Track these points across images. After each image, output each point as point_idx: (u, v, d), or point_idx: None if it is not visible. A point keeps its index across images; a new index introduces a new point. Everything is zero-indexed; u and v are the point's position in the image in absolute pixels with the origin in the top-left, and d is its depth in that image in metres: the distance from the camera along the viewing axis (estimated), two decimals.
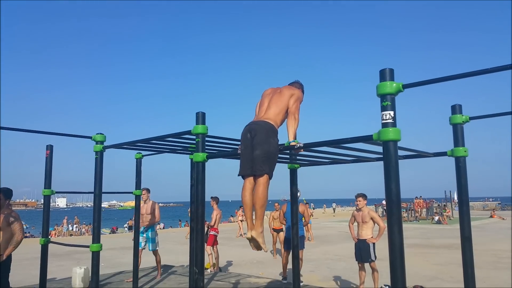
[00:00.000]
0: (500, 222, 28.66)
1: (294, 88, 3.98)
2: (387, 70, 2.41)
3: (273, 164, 3.52)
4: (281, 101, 3.83)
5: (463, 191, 3.55)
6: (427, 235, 19.08)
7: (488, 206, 54.25)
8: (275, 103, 3.80)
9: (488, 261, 11.16)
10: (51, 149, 5.68)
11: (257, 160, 3.43)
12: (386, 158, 2.31)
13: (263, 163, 3.41)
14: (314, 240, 17.28)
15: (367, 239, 7.24)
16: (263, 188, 3.40)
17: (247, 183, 3.52)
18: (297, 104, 3.84)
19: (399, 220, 2.22)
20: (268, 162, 3.44)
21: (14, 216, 5.71)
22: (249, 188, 3.49)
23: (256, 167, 3.43)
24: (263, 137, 3.49)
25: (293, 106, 3.80)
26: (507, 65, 2.18)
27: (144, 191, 8.06)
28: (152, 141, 4.49)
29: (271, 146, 3.48)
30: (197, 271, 3.47)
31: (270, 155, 3.47)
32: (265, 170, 3.42)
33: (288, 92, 3.90)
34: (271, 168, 3.48)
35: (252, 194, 3.46)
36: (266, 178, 3.43)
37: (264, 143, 3.46)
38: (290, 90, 3.92)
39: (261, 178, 3.42)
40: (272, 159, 3.49)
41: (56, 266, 11.09)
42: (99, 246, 4.66)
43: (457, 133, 3.60)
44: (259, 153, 3.44)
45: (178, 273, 8.49)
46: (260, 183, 3.41)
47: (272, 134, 3.56)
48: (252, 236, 3.38)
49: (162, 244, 17.70)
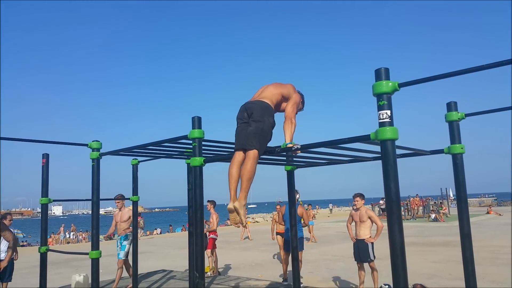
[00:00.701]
0: (497, 218, 28.77)
1: (294, 90, 3.99)
2: (383, 69, 2.41)
3: (264, 142, 3.52)
4: (279, 87, 3.88)
5: (461, 188, 3.56)
6: (424, 233, 19.13)
7: (484, 202, 54.39)
8: (273, 87, 3.86)
9: (486, 258, 11.20)
10: (47, 157, 5.66)
11: (250, 135, 3.47)
12: (385, 157, 2.31)
13: (254, 139, 3.44)
14: (317, 240, 17.28)
15: (366, 239, 7.25)
16: (252, 162, 3.37)
17: (237, 156, 3.52)
18: (294, 108, 3.85)
19: (399, 219, 2.22)
20: (259, 138, 3.46)
21: None
22: (238, 161, 3.47)
23: (247, 142, 3.46)
24: (259, 114, 3.55)
25: (290, 110, 3.82)
26: (501, 61, 2.19)
27: (119, 197, 7.85)
28: (148, 146, 4.48)
29: (265, 124, 3.54)
30: (197, 275, 3.46)
31: (263, 132, 3.50)
32: (255, 146, 3.42)
33: (288, 87, 3.94)
34: (262, 145, 3.48)
35: (239, 167, 3.42)
36: (256, 154, 3.41)
37: (259, 121, 3.52)
38: (291, 89, 3.94)
39: (251, 152, 3.41)
40: (264, 136, 3.51)
41: (54, 274, 11.03)
42: (98, 253, 4.64)
43: (453, 130, 3.61)
44: (252, 129, 3.50)
45: (178, 278, 8.46)
46: (249, 157, 3.40)
47: (267, 113, 3.60)
48: (235, 207, 3.28)
49: (160, 249, 17.79)
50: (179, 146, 4.83)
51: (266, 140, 3.55)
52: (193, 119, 3.69)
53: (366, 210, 7.42)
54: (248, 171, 3.33)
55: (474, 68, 2.28)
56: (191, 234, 5.78)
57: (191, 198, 5.48)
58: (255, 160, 3.40)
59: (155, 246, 19.55)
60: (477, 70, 2.28)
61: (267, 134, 3.55)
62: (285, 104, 3.89)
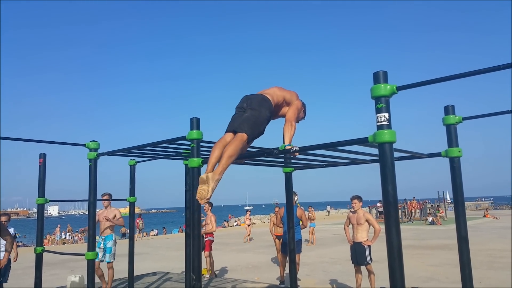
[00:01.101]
0: (494, 221, 28.82)
1: (297, 97, 4.00)
2: (381, 72, 2.41)
3: (256, 131, 3.52)
4: (283, 90, 3.91)
5: (458, 192, 3.56)
6: (421, 236, 19.15)
7: (481, 206, 54.55)
8: (278, 89, 3.89)
9: (483, 261, 11.22)
10: (44, 157, 5.64)
11: (243, 121, 3.49)
12: (382, 160, 2.31)
13: (247, 124, 3.45)
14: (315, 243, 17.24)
15: (363, 242, 7.25)
16: (237, 143, 3.35)
17: (225, 136, 3.51)
18: (295, 112, 3.85)
19: (396, 222, 2.22)
20: (252, 125, 3.47)
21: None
22: (225, 141, 3.45)
23: (239, 125, 3.47)
24: (257, 104, 3.59)
25: (291, 113, 3.82)
26: (498, 65, 2.19)
27: (106, 196, 7.69)
28: (146, 147, 4.47)
29: (261, 114, 3.56)
30: (194, 277, 3.45)
31: (257, 121, 3.52)
32: (246, 131, 3.42)
33: (292, 93, 3.95)
34: (253, 132, 3.48)
35: (224, 147, 3.37)
36: (244, 137, 3.40)
37: (255, 109, 3.55)
38: (294, 95, 3.95)
39: (240, 134, 3.41)
40: (257, 125, 3.51)
41: (50, 275, 10.99)
42: (94, 254, 4.63)
43: (451, 133, 3.61)
44: (248, 115, 3.53)
45: (174, 280, 8.43)
46: (237, 138, 3.39)
47: (265, 106, 3.62)
48: (207, 177, 3.14)
49: (157, 250, 17.75)
50: (177, 147, 4.82)
51: (258, 129, 3.55)
52: (191, 120, 3.69)
53: (363, 213, 7.42)
54: (231, 148, 3.29)
55: (472, 72, 2.29)
56: (188, 235, 5.77)
57: (188, 200, 5.47)
58: (241, 143, 3.37)
59: (152, 247, 19.51)
60: (475, 74, 2.29)
61: (260, 124, 3.55)
62: (286, 109, 3.89)
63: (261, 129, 3.59)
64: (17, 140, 4.91)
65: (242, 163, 4.17)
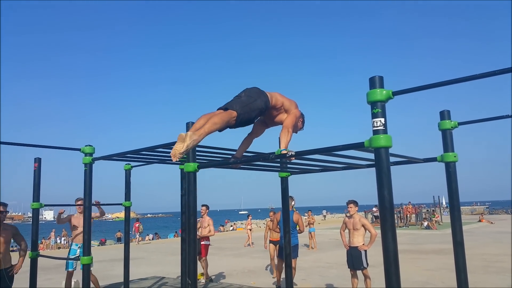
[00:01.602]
0: (489, 226, 28.92)
1: (296, 106, 3.96)
2: (377, 77, 2.42)
3: (246, 113, 3.51)
4: (284, 97, 3.89)
5: (454, 196, 3.57)
6: (417, 241, 19.17)
7: (476, 211, 54.69)
8: (279, 94, 3.88)
9: (478, 266, 11.24)
10: (39, 162, 5.62)
11: (236, 101, 3.52)
12: (378, 164, 2.31)
13: (239, 105, 3.48)
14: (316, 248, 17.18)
15: (359, 246, 7.25)
16: (225, 115, 3.36)
17: (216, 111, 3.50)
18: (292, 120, 3.81)
19: (392, 227, 2.22)
20: (243, 107, 3.48)
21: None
22: (213, 113, 3.42)
23: (231, 104, 3.49)
24: (254, 94, 3.63)
25: (289, 120, 3.79)
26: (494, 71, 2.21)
27: (80, 201, 7.28)
28: (142, 152, 4.46)
29: (255, 102, 3.57)
30: (189, 282, 3.44)
31: (249, 105, 3.53)
32: (237, 110, 3.43)
33: (292, 102, 3.92)
34: (243, 112, 3.47)
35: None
36: (233, 114, 3.41)
37: (250, 96, 3.59)
38: (293, 104, 3.92)
39: (230, 110, 3.42)
40: (248, 108, 3.52)
41: (45, 279, 10.92)
42: (90, 259, 4.60)
43: (446, 138, 3.63)
44: (243, 99, 3.56)
45: (170, 284, 8.39)
46: (226, 112, 3.40)
47: (262, 97, 3.64)
48: (186, 134, 3.10)
49: (152, 255, 17.68)
50: None
51: (249, 114, 3.54)
52: (187, 125, 3.69)
53: (360, 217, 7.42)
54: (217, 117, 3.31)
55: (468, 77, 2.30)
56: (183, 240, 5.75)
57: (184, 204, 5.46)
58: (228, 117, 3.37)
59: (147, 252, 19.42)
60: (471, 79, 2.30)
61: (252, 110, 3.55)
62: (284, 116, 3.86)
63: (251, 115, 3.57)
64: (12, 144, 4.88)
65: (238, 168, 4.16)
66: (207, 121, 3.24)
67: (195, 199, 3.52)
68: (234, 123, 3.46)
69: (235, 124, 3.49)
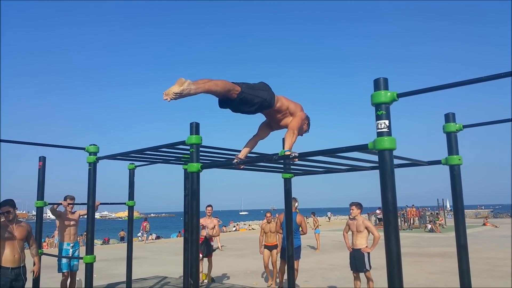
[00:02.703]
0: (493, 230, 28.75)
1: (301, 109, 3.94)
2: (381, 79, 2.41)
3: (250, 93, 3.49)
4: (289, 100, 3.88)
5: (458, 199, 3.55)
6: (420, 244, 19.09)
7: (481, 214, 54.42)
8: (285, 98, 3.86)
9: (482, 270, 11.17)
10: (44, 160, 5.65)
11: (243, 83, 3.51)
12: (382, 167, 2.31)
13: (246, 85, 3.49)
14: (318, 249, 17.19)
15: (362, 249, 7.22)
16: (229, 83, 3.37)
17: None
18: (298, 122, 3.78)
19: (396, 230, 2.21)
20: (249, 88, 3.49)
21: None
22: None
23: (238, 83, 3.48)
24: (263, 85, 3.63)
25: (294, 122, 3.76)
26: (499, 74, 2.19)
27: (68, 200, 7.21)
28: (146, 151, 4.47)
29: (263, 91, 3.58)
30: (192, 282, 3.44)
31: (255, 91, 3.53)
32: (242, 87, 3.44)
33: (297, 104, 3.91)
34: (247, 91, 3.47)
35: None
36: (237, 87, 3.41)
37: (258, 85, 3.60)
38: (298, 107, 3.90)
39: (237, 85, 3.43)
40: (253, 91, 3.52)
41: (48, 278, 10.94)
42: (92, 258, 4.61)
43: (451, 141, 3.61)
44: (252, 84, 3.56)
45: (172, 284, 8.40)
46: (232, 83, 3.40)
47: (269, 92, 3.63)
48: (186, 81, 3.07)
49: (155, 254, 17.70)
50: (177, 152, 4.82)
51: (251, 97, 3.52)
52: (191, 125, 3.69)
53: (363, 220, 7.40)
54: (221, 80, 3.32)
55: (473, 80, 2.29)
56: (186, 240, 5.76)
57: (187, 204, 5.47)
58: (231, 87, 3.37)
59: (150, 251, 19.45)
60: (476, 82, 2.29)
61: (256, 96, 3.54)
62: (289, 119, 3.84)
63: (254, 99, 3.54)
64: (16, 143, 4.91)
65: (242, 169, 4.16)
66: (210, 81, 3.25)
67: (198, 199, 3.53)
68: (235, 96, 3.44)
69: (236, 97, 3.46)
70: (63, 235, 7.31)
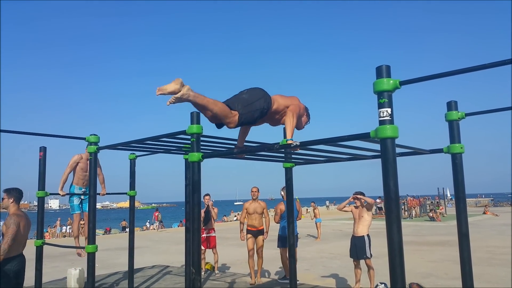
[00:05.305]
0: (494, 218, 28.86)
1: (299, 101, 3.89)
2: (384, 66, 2.38)
3: (248, 112, 3.44)
4: (285, 98, 3.80)
5: (459, 188, 3.54)
6: (421, 232, 19.17)
7: (481, 203, 54.57)
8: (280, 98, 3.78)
9: (482, 258, 11.23)
10: (45, 150, 5.64)
11: (238, 99, 3.46)
12: (384, 155, 2.29)
13: (241, 104, 3.42)
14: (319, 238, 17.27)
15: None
16: (227, 109, 3.30)
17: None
18: (296, 108, 3.73)
19: (398, 218, 2.20)
20: (245, 106, 3.42)
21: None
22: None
23: (233, 102, 3.42)
24: (257, 93, 3.56)
25: (291, 107, 3.71)
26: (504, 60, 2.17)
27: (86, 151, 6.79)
28: (147, 141, 4.46)
29: (259, 101, 3.50)
30: (194, 271, 3.45)
31: (252, 105, 3.45)
32: (239, 110, 3.38)
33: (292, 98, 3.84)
34: (245, 111, 3.41)
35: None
36: (234, 114, 3.36)
37: (253, 95, 3.52)
38: (295, 100, 3.84)
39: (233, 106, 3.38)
40: (251, 107, 3.44)
41: (50, 267, 11.02)
42: (94, 247, 4.62)
43: (453, 129, 3.58)
44: (245, 96, 3.49)
45: (174, 273, 8.45)
46: (229, 110, 3.33)
47: (265, 98, 3.56)
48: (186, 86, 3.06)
49: (156, 244, 17.79)
50: (178, 141, 4.80)
51: (252, 115, 3.46)
52: (191, 114, 3.66)
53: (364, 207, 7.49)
54: (221, 103, 3.29)
55: (476, 67, 2.26)
56: (187, 229, 5.77)
57: (188, 194, 5.47)
58: (228, 113, 3.31)
59: (151, 241, 19.56)
60: (479, 69, 2.26)
61: (255, 110, 3.48)
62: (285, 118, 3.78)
63: (254, 115, 3.49)
64: (17, 133, 4.90)
65: (243, 158, 4.15)
66: (211, 99, 3.22)
67: (199, 189, 3.52)
68: (233, 126, 3.41)
69: (237, 124, 3.42)
70: (78, 178, 7.39)
